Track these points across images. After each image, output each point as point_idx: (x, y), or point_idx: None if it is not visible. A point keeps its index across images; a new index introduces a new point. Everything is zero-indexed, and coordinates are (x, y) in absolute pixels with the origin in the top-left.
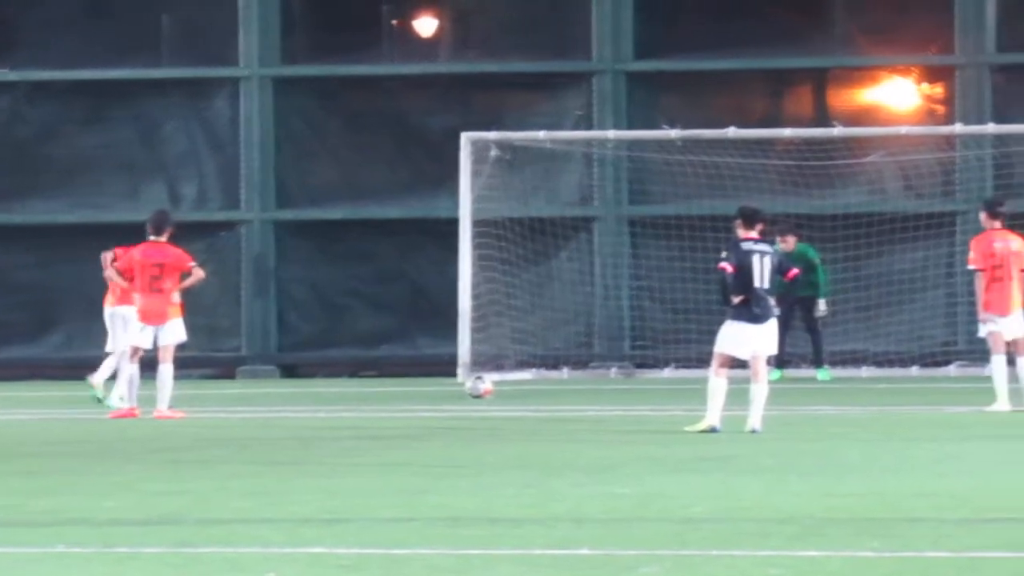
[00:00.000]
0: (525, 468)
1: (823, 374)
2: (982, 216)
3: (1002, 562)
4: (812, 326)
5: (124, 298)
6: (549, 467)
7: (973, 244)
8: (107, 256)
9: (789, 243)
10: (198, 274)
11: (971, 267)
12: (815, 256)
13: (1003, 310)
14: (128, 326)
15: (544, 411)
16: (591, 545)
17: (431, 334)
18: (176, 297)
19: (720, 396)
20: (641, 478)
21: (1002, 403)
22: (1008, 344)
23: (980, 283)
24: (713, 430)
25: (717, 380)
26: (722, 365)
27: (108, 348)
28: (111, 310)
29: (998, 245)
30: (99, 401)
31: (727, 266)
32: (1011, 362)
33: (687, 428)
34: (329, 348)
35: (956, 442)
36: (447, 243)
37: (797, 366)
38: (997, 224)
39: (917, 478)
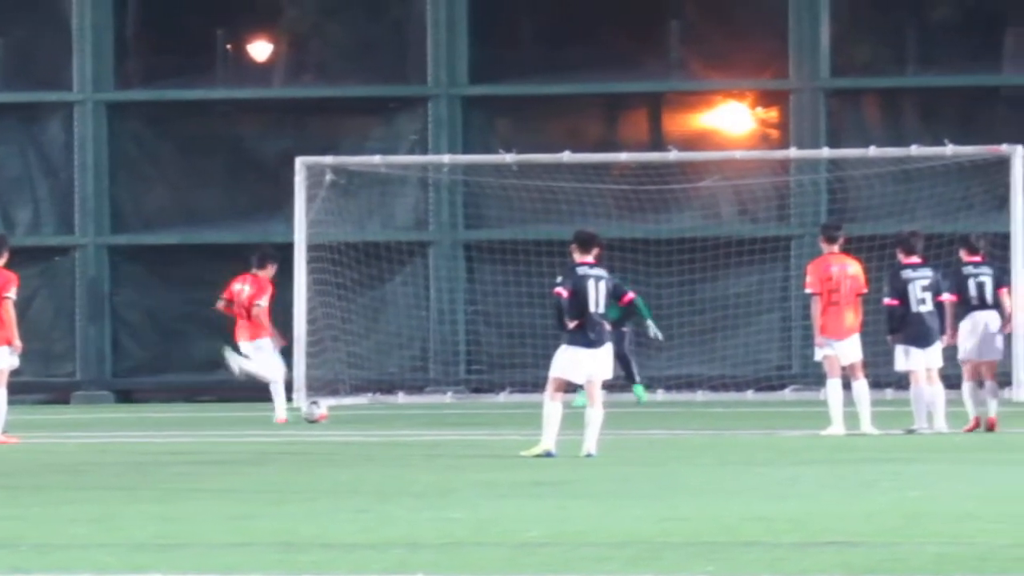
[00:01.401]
0: (359, 493)
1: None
2: (819, 240)
3: None
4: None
5: None
6: (383, 492)
7: (810, 268)
8: None
9: None
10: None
11: (808, 291)
12: None
13: (839, 334)
14: None
15: (379, 436)
16: (426, 570)
17: None
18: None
19: (555, 421)
20: (476, 503)
21: (837, 427)
22: (844, 368)
23: (816, 307)
24: (548, 454)
25: (552, 404)
26: (557, 390)
27: None
28: None
29: (834, 269)
30: None
31: (562, 291)
32: (846, 386)
33: (523, 453)
34: (164, 373)
35: (791, 466)
36: (282, 268)
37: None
38: (834, 248)
39: (752, 502)
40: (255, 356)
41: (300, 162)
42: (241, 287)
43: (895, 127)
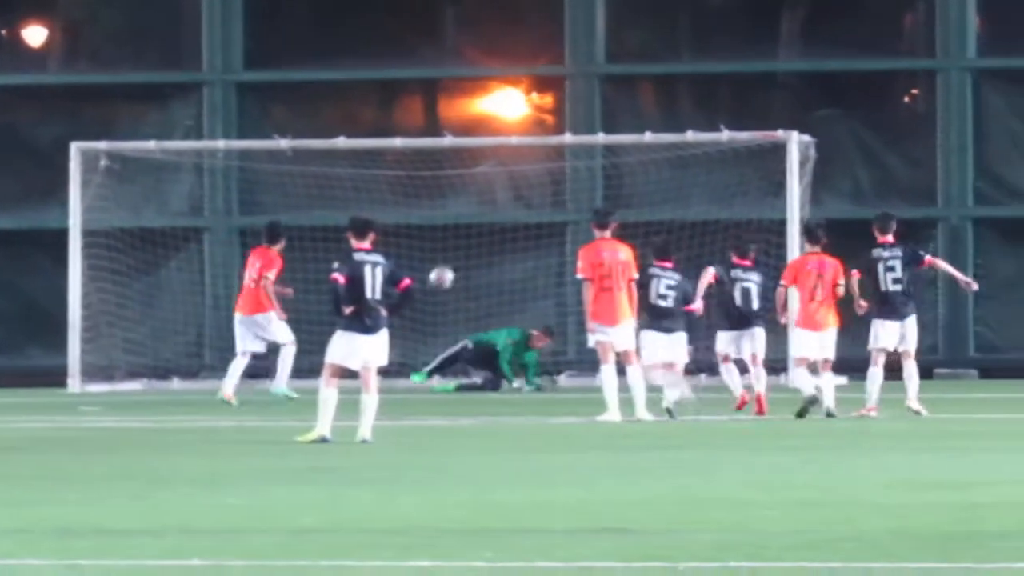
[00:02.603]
0: (135, 479)
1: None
2: (591, 226)
3: (611, 571)
4: None
5: None
6: (159, 478)
7: (581, 254)
8: None
9: None
10: None
11: (579, 276)
12: None
13: (611, 320)
14: None
15: (154, 422)
16: (201, 556)
17: (41, 345)
18: None
19: (331, 407)
20: (251, 489)
21: (612, 413)
22: (618, 354)
23: (588, 293)
24: (324, 440)
25: (328, 391)
26: (333, 375)
27: None
28: None
29: (606, 255)
30: None
31: (339, 277)
32: (621, 372)
33: (298, 438)
34: None
35: (567, 453)
36: (57, 254)
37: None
38: (606, 234)
39: (528, 489)
40: (260, 331)
41: (75, 148)
42: (253, 261)
43: (671, 113)
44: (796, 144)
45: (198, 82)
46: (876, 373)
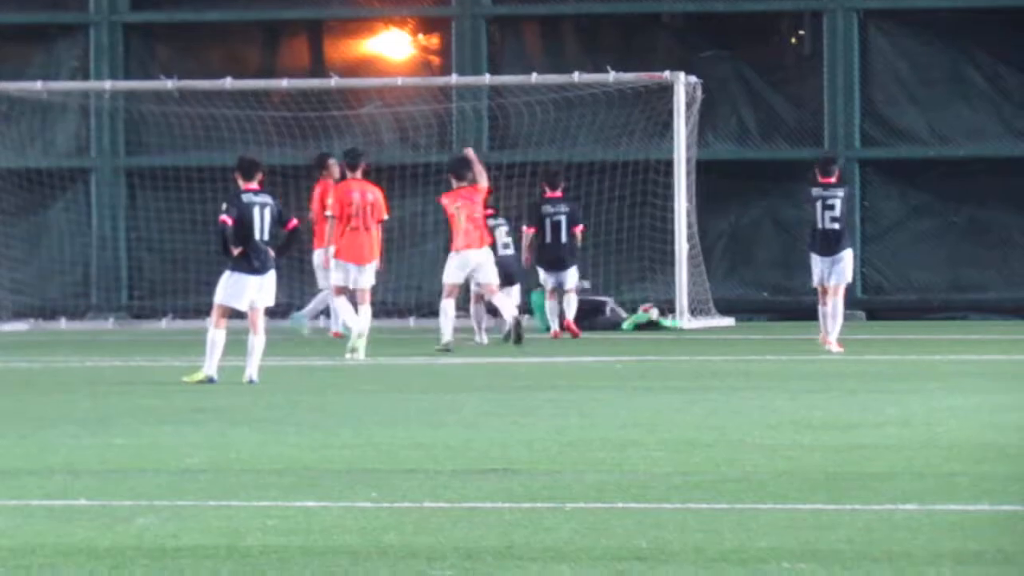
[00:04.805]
0: (20, 419)
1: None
2: (343, 166)
3: (499, 511)
4: None
5: None
6: (44, 418)
7: (332, 193)
8: None
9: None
10: None
11: (327, 215)
12: None
13: (358, 259)
14: None
15: (40, 362)
16: (88, 496)
17: None
18: None
19: (219, 347)
20: (137, 429)
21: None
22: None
23: (335, 231)
24: (211, 380)
25: (216, 331)
26: (222, 316)
27: None
28: None
29: (355, 195)
30: None
31: (227, 218)
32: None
33: (184, 378)
34: None
35: (451, 393)
36: None
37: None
38: (357, 175)
39: (412, 429)
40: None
41: None
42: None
43: (557, 54)
44: (683, 85)
45: (84, 23)
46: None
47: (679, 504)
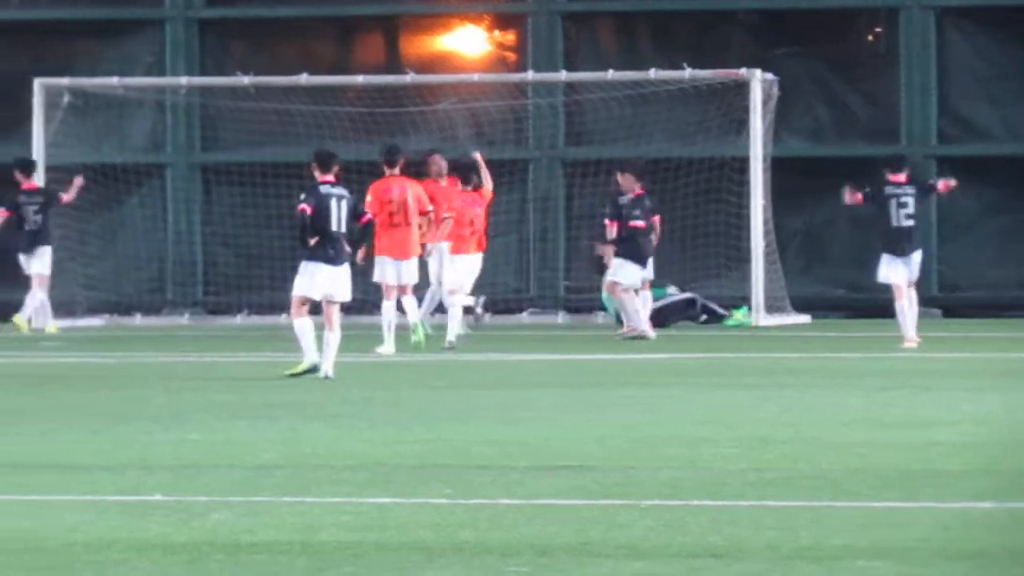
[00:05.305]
0: (94, 415)
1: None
2: (382, 164)
3: (574, 509)
4: None
5: None
6: (118, 414)
7: (370, 191)
8: None
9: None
10: None
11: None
12: None
13: (401, 254)
14: None
15: (115, 358)
16: (162, 492)
17: (1, 281)
18: None
19: (308, 334)
20: (211, 425)
21: (388, 346)
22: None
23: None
24: (314, 368)
25: (301, 321)
26: (301, 305)
27: None
28: None
29: (395, 192)
30: None
31: (305, 208)
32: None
33: (287, 372)
34: None
35: (525, 389)
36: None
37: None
38: (395, 171)
39: (485, 426)
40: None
41: (38, 83)
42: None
43: (631, 50)
44: (759, 82)
45: (159, 18)
46: (900, 306)
47: (753, 501)
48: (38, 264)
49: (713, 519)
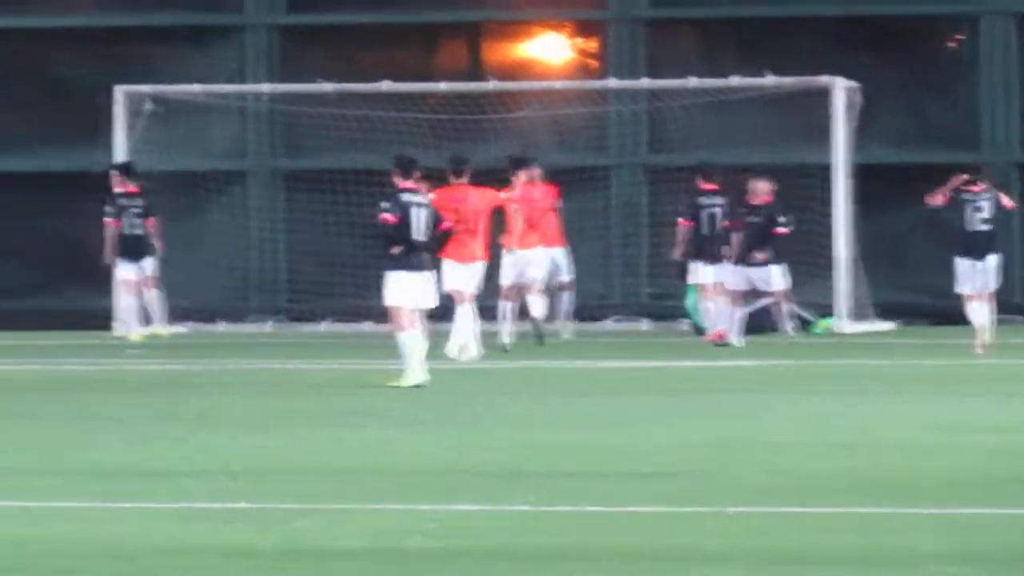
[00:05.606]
0: (178, 421)
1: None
2: (448, 173)
3: (661, 516)
4: None
5: None
6: (202, 420)
7: (436, 199)
8: None
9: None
10: None
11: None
12: None
13: (466, 259)
14: None
15: (198, 365)
16: (247, 499)
17: (86, 288)
18: None
19: (418, 349)
20: (296, 431)
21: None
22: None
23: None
24: (420, 386)
25: (408, 335)
26: (400, 316)
27: None
28: None
29: (464, 202)
30: None
31: (389, 216)
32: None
33: (390, 383)
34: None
35: (610, 396)
36: (102, 197)
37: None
38: (462, 180)
39: (570, 432)
40: None
41: (119, 91)
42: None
43: (712, 57)
44: (842, 90)
45: (240, 25)
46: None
47: (844, 507)
48: (140, 269)
49: (800, 525)
